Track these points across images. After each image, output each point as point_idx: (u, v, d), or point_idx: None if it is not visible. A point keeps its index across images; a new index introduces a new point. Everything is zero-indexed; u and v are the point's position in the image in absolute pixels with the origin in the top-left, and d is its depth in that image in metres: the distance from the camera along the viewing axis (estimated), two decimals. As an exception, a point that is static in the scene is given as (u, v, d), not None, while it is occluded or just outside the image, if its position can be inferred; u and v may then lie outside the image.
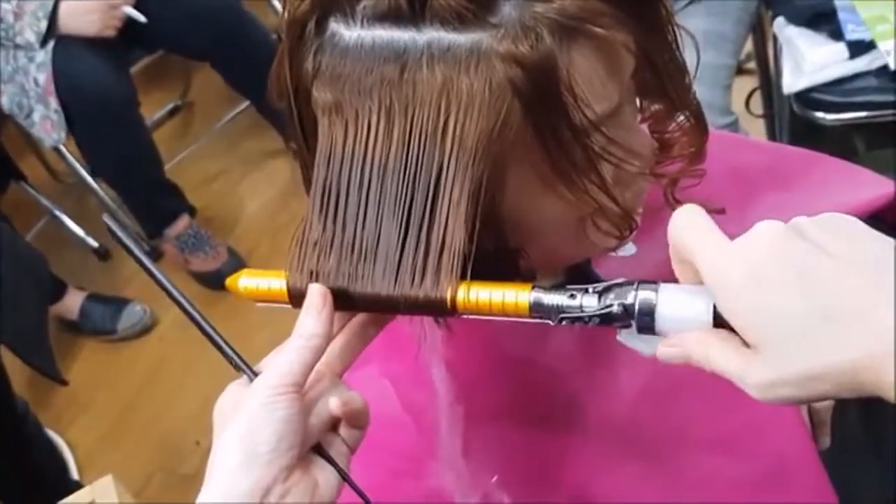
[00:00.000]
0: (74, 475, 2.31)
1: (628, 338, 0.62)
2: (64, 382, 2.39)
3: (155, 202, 2.68)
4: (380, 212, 0.62)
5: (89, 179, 2.75)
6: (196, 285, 2.66)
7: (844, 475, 0.84)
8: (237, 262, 2.68)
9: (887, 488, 0.96)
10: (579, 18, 0.58)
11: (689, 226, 0.57)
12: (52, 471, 2.24)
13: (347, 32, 0.61)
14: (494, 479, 0.77)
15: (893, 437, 0.96)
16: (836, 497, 0.81)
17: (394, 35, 0.60)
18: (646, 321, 0.59)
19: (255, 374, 0.63)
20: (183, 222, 2.70)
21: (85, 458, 2.37)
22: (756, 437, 0.80)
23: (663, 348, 0.59)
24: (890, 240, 0.53)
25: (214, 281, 2.63)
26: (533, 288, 0.61)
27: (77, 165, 2.73)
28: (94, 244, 2.87)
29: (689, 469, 0.78)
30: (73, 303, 2.63)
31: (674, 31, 0.66)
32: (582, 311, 0.60)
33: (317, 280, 0.63)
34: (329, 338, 0.63)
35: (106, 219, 0.67)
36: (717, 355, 0.56)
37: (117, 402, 2.51)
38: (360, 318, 0.67)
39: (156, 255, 2.76)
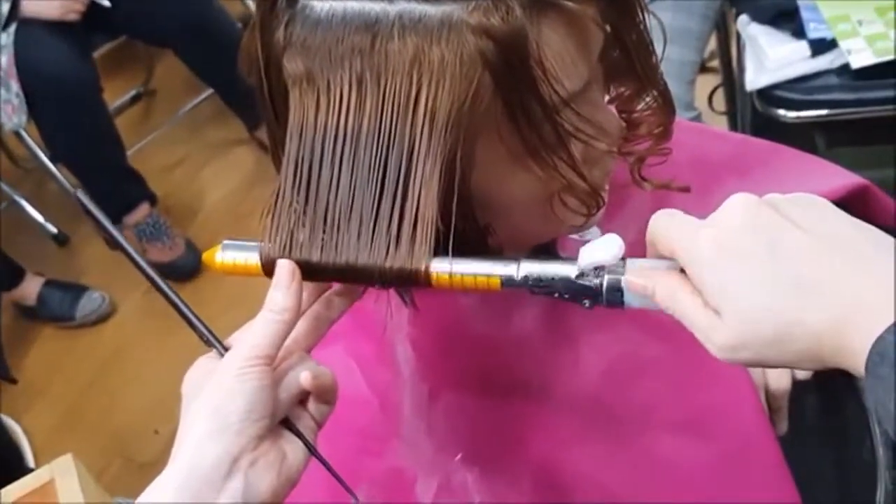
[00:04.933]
0: (31, 462, 2.29)
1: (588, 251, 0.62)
2: (13, 381, 2.37)
3: (116, 188, 2.65)
4: (353, 183, 0.62)
5: (49, 165, 2.72)
6: (153, 275, 2.64)
7: (801, 460, 0.85)
8: (194, 256, 2.66)
9: (843, 472, 0.98)
10: None
11: (668, 219, 0.58)
12: (7, 457, 2.21)
13: (319, 3, 0.61)
14: (458, 457, 0.78)
15: (851, 423, 0.98)
16: (793, 480, 0.82)
17: (365, 6, 0.60)
18: (615, 296, 0.59)
19: (226, 349, 0.63)
20: (143, 210, 2.67)
21: (41, 446, 2.34)
22: (717, 420, 0.81)
23: (632, 277, 0.59)
24: (858, 221, 0.54)
25: (169, 272, 2.60)
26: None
27: (37, 150, 2.69)
28: (54, 230, 2.84)
29: (651, 448, 0.79)
30: (30, 289, 2.60)
31: (642, 12, 0.67)
32: (553, 281, 0.61)
33: (290, 251, 0.64)
34: (298, 312, 0.63)
35: (79, 194, 0.67)
36: (685, 302, 0.56)
37: (74, 390, 2.48)
38: (327, 295, 0.68)
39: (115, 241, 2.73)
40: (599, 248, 0.60)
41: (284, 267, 0.63)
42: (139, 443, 2.29)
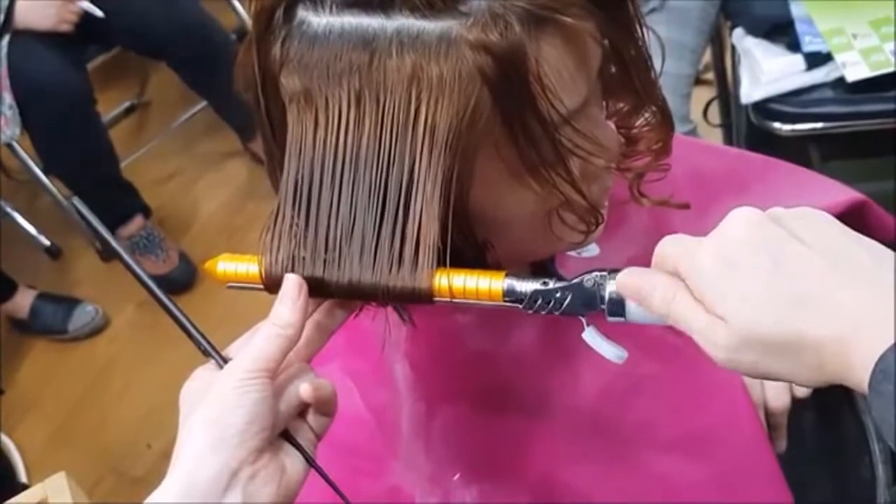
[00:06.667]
0: (23, 477, 2.27)
1: (594, 340, 0.63)
2: None
3: (109, 201, 2.64)
4: (353, 203, 0.62)
5: (42, 177, 2.69)
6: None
7: (800, 478, 0.85)
8: (188, 268, 2.65)
9: (842, 490, 0.98)
10: (549, 8, 0.58)
11: (675, 240, 0.58)
12: (-1, 471, 2.20)
13: (316, 20, 0.61)
14: (456, 477, 0.77)
15: (849, 441, 0.98)
16: (792, 497, 0.82)
17: (363, 22, 0.59)
18: (616, 307, 0.59)
19: (225, 361, 0.63)
20: (137, 223, 2.66)
21: (33, 460, 2.33)
22: (714, 438, 0.81)
23: (628, 277, 0.59)
24: (860, 236, 0.54)
25: (163, 285, 2.57)
26: (506, 275, 0.62)
27: (30, 163, 2.67)
28: (46, 242, 2.82)
29: (649, 466, 0.79)
30: (23, 302, 2.59)
31: (640, 28, 0.66)
32: (555, 296, 0.61)
33: (292, 267, 0.63)
34: (302, 327, 0.63)
35: (76, 202, 0.67)
36: (683, 307, 0.56)
37: (67, 404, 2.47)
38: (327, 304, 0.67)
39: (108, 254, 2.73)
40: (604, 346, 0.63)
41: (292, 281, 0.63)
42: (132, 457, 2.28)
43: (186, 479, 0.58)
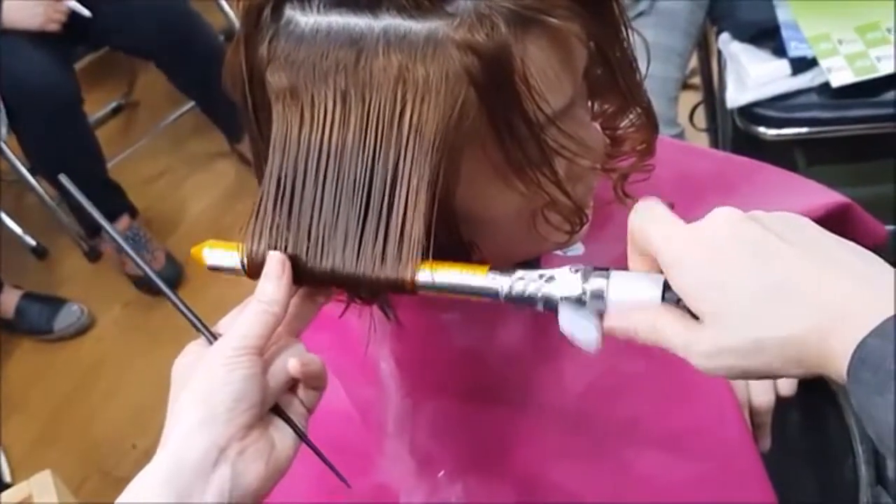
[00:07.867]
0: (7, 477, 2.27)
1: (572, 324, 0.62)
2: None
3: (96, 201, 2.58)
4: (337, 200, 0.62)
5: (29, 177, 2.69)
6: (133, 289, 2.63)
7: (783, 478, 0.85)
8: (175, 268, 2.65)
9: (825, 490, 0.98)
10: (534, 9, 0.59)
11: (648, 213, 0.59)
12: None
13: (303, 19, 0.61)
14: (441, 474, 0.77)
15: (833, 442, 0.98)
16: (775, 496, 0.82)
17: (350, 21, 0.60)
18: (597, 305, 0.60)
19: (215, 337, 0.63)
20: (123, 223, 2.66)
21: (19, 460, 2.32)
22: (699, 436, 0.82)
23: (611, 322, 0.60)
24: (838, 237, 0.55)
25: (150, 285, 2.58)
26: (489, 270, 0.62)
27: (17, 162, 2.66)
28: (32, 243, 2.81)
29: (634, 464, 0.79)
30: (8, 301, 2.58)
31: (626, 29, 0.67)
32: (537, 291, 0.61)
33: None
34: (287, 303, 0.63)
35: (62, 178, 0.67)
36: (664, 328, 0.57)
37: (52, 404, 2.46)
38: None
39: (95, 254, 2.72)
40: (579, 328, 0.61)
41: (276, 259, 0.63)
42: (117, 457, 2.28)
43: (175, 456, 0.58)
